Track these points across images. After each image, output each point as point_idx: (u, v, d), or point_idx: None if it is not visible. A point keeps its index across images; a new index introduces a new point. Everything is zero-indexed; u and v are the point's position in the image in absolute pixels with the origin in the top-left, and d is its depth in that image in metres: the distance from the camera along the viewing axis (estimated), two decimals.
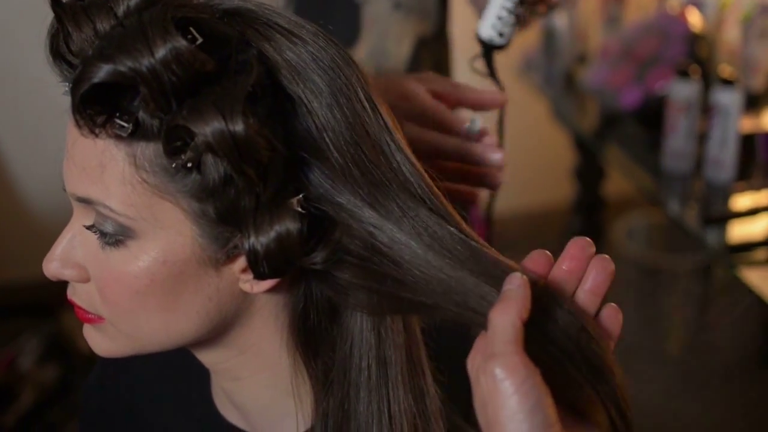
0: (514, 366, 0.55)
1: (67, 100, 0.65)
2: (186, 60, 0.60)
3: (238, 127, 0.60)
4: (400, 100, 0.89)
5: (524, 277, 0.60)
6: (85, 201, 0.67)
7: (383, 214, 0.66)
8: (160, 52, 0.60)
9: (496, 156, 0.92)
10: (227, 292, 0.70)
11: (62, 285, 0.74)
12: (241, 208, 0.64)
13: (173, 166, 0.63)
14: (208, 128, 0.60)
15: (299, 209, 0.64)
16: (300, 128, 0.65)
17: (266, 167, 0.63)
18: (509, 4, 0.93)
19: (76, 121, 0.64)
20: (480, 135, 0.92)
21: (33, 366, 2.44)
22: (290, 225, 0.64)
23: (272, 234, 0.64)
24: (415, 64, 1.22)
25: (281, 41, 0.66)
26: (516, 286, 0.60)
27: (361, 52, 1.16)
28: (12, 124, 2.65)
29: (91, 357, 0.96)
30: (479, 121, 0.92)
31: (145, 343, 0.72)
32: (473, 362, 0.59)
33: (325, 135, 0.65)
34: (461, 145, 0.91)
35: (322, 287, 0.71)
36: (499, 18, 0.93)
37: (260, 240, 0.64)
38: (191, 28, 0.62)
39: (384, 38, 1.17)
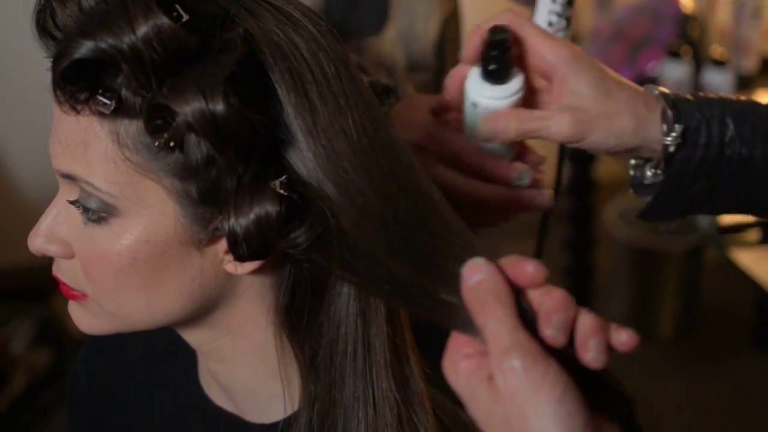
0: (534, 355, 0.50)
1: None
2: (168, 38, 0.60)
3: (219, 107, 0.59)
4: (431, 143, 0.83)
5: (482, 261, 0.54)
6: (69, 177, 0.67)
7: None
8: (142, 30, 0.59)
9: (543, 200, 0.84)
10: (211, 273, 0.70)
11: None
12: (223, 188, 0.64)
13: (155, 144, 0.63)
14: (188, 108, 0.59)
15: (281, 191, 0.64)
16: (282, 109, 0.64)
17: (248, 148, 0.62)
18: (558, 8, 0.86)
19: (57, 98, 0.64)
20: (530, 186, 0.83)
21: (25, 350, 2.44)
22: (270, 207, 0.63)
23: (251, 216, 0.64)
24: (442, 44, 1.21)
25: (269, 20, 0.65)
26: (483, 275, 0.54)
27: (392, 34, 1.16)
28: (2, 107, 2.64)
29: (83, 341, 0.96)
30: (529, 174, 0.82)
31: (129, 321, 0.72)
32: (460, 368, 0.53)
33: (302, 120, 0.64)
34: (506, 196, 0.82)
35: (307, 268, 0.71)
36: (550, 24, 0.86)
37: (240, 222, 0.64)
38: (176, 5, 0.61)
39: (412, 19, 1.17)
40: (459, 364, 0.54)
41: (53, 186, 0.71)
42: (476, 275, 0.54)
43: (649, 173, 0.79)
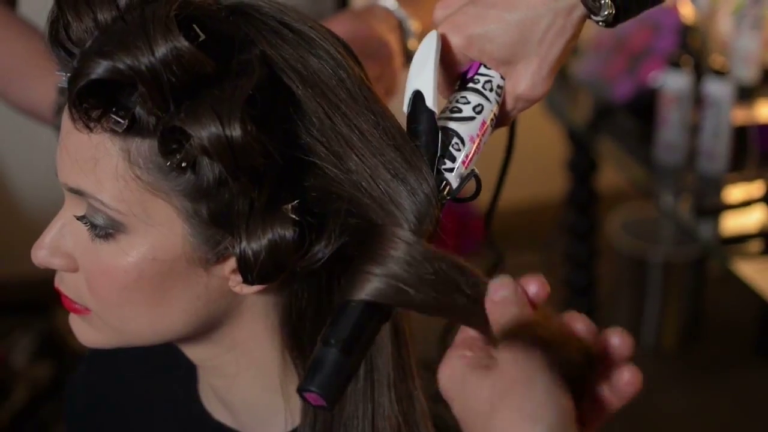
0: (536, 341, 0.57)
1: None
2: (186, 61, 0.59)
3: (236, 132, 0.59)
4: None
5: (509, 279, 0.61)
6: (77, 192, 0.66)
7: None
8: (161, 51, 0.59)
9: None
10: (216, 291, 0.69)
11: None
12: (235, 211, 0.63)
13: (168, 164, 0.62)
14: (204, 132, 0.59)
15: (293, 216, 0.63)
16: (300, 131, 0.65)
17: (261, 173, 0.62)
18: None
19: (71, 115, 0.63)
20: None
21: (26, 363, 2.43)
22: (283, 232, 0.63)
23: (264, 241, 0.63)
24: None
25: (287, 42, 0.65)
26: (508, 293, 0.61)
27: None
28: (3, 118, 2.64)
29: (84, 354, 0.95)
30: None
31: (132, 336, 0.71)
32: (456, 363, 0.59)
33: (323, 142, 0.65)
34: None
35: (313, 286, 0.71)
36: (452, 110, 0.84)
37: (252, 246, 0.63)
38: (194, 25, 0.61)
39: None
40: (455, 360, 0.59)
41: (55, 198, 0.70)
42: (502, 291, 0.60)
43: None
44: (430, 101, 0.69)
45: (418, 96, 0.69)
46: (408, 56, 1.09)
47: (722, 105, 1.91)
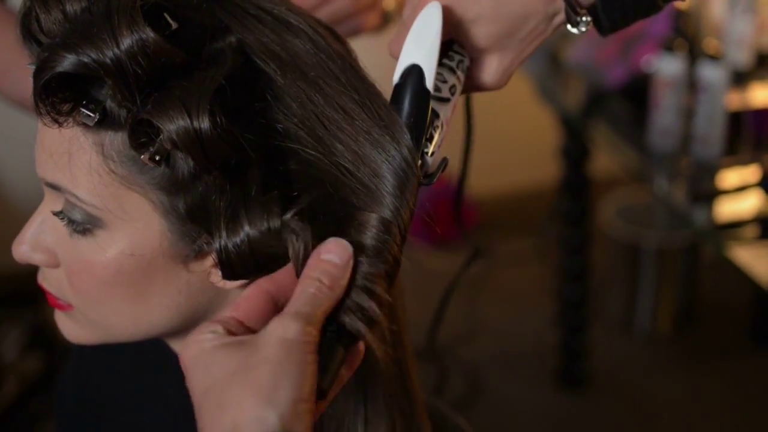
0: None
1: None
2: (153, 52, 0.58)
3: (204, 125, 0.58)
4: None
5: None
6: (54, 187, 0.66)
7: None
8: (126, 43, 0.58)
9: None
10: (198, 286, 0.68)
11: None
12: (211, 205, 0.62)
13: (141, 158, 0.61)
14: (172, 125, 0.58)
15: (275, 208, 0.62)
16: (279, 117, 0.63)
17: (236, 165, 0.61)
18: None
19: (38, 110, 0.62)
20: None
21: (16, 356, 2.42)
22: (262, 226, 0.62)
23: (241, 236, 0.62)
24: None
25: (265, 26, 0.64)
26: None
27: None
28: None
29: (74, 348, 0.94)
30: None
31: (115, 332, 0.71)
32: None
33: (304, 127, 0.63)
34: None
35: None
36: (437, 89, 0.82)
37: (230, 241, 0.62)
38: (165, 14, 0.60)
39: None
40: (207, 335, 0.59)
41: (42, 190, 0.70)
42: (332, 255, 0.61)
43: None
44: (429, 83, 0.67)
45: (414, 70, 0.67)
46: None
47: (716, 89, 1.90)
